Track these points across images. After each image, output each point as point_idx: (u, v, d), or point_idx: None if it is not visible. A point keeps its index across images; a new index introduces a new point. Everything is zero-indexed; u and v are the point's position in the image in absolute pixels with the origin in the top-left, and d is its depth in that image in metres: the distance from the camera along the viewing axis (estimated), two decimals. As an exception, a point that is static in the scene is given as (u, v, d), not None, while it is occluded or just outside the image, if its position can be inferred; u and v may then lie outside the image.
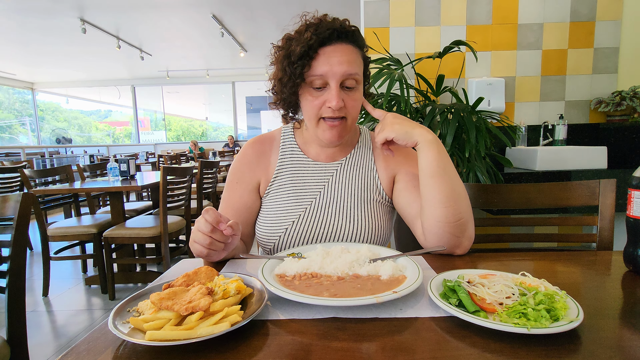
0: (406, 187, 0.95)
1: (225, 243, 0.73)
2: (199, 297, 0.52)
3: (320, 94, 0.85)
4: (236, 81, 10.59)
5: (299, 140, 1.01)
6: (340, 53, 0.83)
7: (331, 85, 0.83)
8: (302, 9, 0.91)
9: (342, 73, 0.82)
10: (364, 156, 1.00)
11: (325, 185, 0.95)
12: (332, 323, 0.53)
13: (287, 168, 0.97)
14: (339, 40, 0.84)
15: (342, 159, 0.98)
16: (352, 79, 0.84)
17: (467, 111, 1.73)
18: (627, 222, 0.72)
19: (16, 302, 1.00)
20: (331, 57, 0.82)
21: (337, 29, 0.83)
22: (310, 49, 0.82)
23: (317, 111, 0.86)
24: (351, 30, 0.86)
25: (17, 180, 3.60)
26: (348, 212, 0.92)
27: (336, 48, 0.83)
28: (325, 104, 0.84)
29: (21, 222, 1.02)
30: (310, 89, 0.85)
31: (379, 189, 0.97)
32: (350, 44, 0.86)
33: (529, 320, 0.48)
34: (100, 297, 2.55)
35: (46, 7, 5.29)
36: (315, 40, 0.81)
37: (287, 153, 0.99)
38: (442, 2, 2.28)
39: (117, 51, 7.14)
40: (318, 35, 0.82)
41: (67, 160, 8.69)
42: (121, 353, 0.47)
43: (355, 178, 0.97)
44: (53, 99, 11.58)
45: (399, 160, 0.98)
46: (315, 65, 0.83)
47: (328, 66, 0.82)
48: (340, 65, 0.82)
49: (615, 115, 2.29)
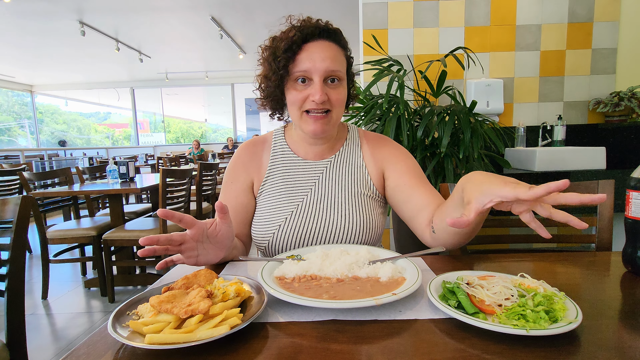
0: (397, 185, 0.96)
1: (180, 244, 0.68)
2: (199, 300, 0.52)
3: (304, 87, 0.87)
4: (235, 83, 10.60)
5: (289, 140, 1.03)
6: (322, 49, 0.86)
7: (314, 80, 0.86)
8: (300, 10, 0.93)
9: (325, 69, 0.85)
10: (352, 153, 1.01)
11: (315, 183, 0.97)
12: (332, 325, 0.54)
13: (278, 167, 0.99)
14: (321, 37, 0.88)
15: (332, 156, 1.00)
16: (334, 75, 0.87)
17: (463, 113, 1.74)
18: (626, 223, 0.72)
19: (15, 305, 1.00)
20: (314, 53, 0.86)
21: (320, 27, 0.88)
22: (294, 44, 0.85)
23: (301, 104, 0.88)
24: (333, 29, 0.90)
25: (16, 183, 3.59)
26: (339, 208, 0.93)
27: (319, 44, 0.87)
28: (309, 98, 0.87)
29: (20, 225, 1.02)
30: (294, 83, 0.88)
31: (369, 184, 0.98)
32: (333, 42, 0.89)
33: (527, 322, 0.48)
34: (99, 300, 2.54)
35: (45, 9, 5.29)
36: (298, 37, 0.85)
37: (278, 153, 1.01)
38: (440, 4, 2.29)
39: (116, 53, 7.14)
40: (302, 32, 0.86)
41: (66, 162, 8.69)
42: (121, 356, 0.47)
43: (345, 174, 0.98)
44: (52, 102, 11.58)
45: (385, 155, 1.00)
46: (298, 60, 0.86)
47: (311, 62, 0.85)
48: (322, 62, 0.85)
49: (613, 115, 2.30)
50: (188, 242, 0.68)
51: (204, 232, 0.70)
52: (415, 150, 1.86)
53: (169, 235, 0.65)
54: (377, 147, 1.01)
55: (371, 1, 2.28)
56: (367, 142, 1.03)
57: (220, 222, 0.71)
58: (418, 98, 2.13)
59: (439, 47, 2.31)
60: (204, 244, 0.71)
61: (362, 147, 1.02)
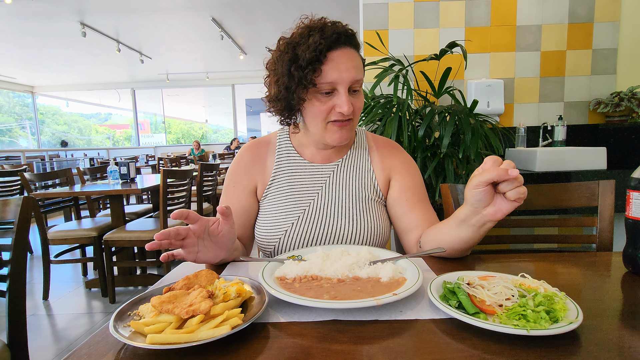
0: (398, 198, 0.96)
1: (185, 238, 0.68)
2: (200, 300, 0.52)
3: (329, 98, 0.85)
4: (236, 84, 10.61)
5: (295, 142, 1.01)
6: (346, 59, 0.83)
7: (340, 91, 0.83)
8: (301, 11, 0.92)
9: (351, 79, 0.83)
10: (360, 157, 1.00)
11: (323, 187, 0.96)
12: (333, 325, 0.54)
13: (284, 170, 0.97)
14: (344, 44, 0.84)
15: (339, 160, 0.99)
16: (358, 83, 0.85)
17: (464, 113, 1.74)
18: (626, 223, 0.72)
19: (16, 305, 1.00)
20: (340, 63, 0.82)
21: (342, 32, 0.84)
22: (320, 53, 0.81)
23: (326, 115, 0.86)
24: (353, 34, 0.87)
25: (17, 184, 3.60)
26: (347, 213, 0.93)
27: (342, 53, 0.83)
28: (334, 109, 0.84)
29: (22, 226, 1.02)
30: (317, 94, 0.85)
31: (376, 189, 0.98)
32: (353, 47, 0.86)
33: (528, 322, 0.48)
34: (100, 301, 2.54)
35: (46, 11, 5.30)
36: (324, 45, 0.81)
37: (284, 155, 0.99)
38: (440, 4, 2.29)
39: (117, 54, 7.16)
40: (326, 39, 0.81)
41: (67, 163, 8.70)
42: (122, 357, 0.48)
43: (353, 178, 0.97)
44: (53, 102, 11.59)
45: (395, 164, 0.99)
46: (325, 70, 0.82)
47: (337, 72, 0.82)
48: (348, 72, 0.82)
49: (614, 116, 2.30)
50: (190, 236, 0.68)
51: (206, 229, 0.70)
52: (415, 150, 1.86)
53: (176, 229, 0.65)
54: (387, 155, 1.00)
55: (372, 2, 2.29)
56: (376, 146, 1.02)
57: (223, 223, 0.71)
58: (418, 98, 2.13)
59: (439, 47, 2.31)
60: (204, 241, 0.71)
61: (371, 151, 1.01)
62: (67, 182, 3.18)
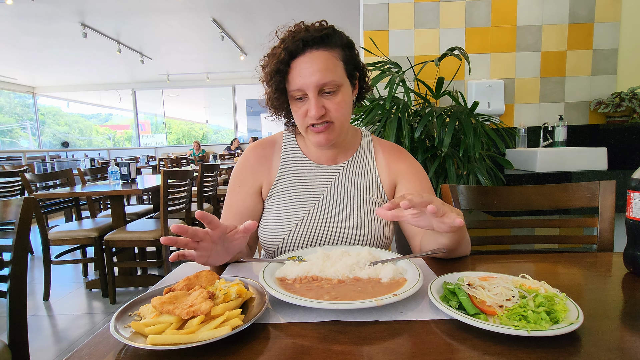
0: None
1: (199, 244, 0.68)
2: (200, 301, 0.52)
3: (302, 104, 0.86)
4: (236, 84, 10.62)
5: (301, 143, 1.01)
6: (310, 63, 0.82)
7: (309, 95, 0.84)
8: (301, 11, 0.92)
9: (316, 83, 0.82)
10: (365, 159, 1.00)
11: (328, 188, 0.96)
12: (333, 326, 0.54)
13: (289, 171, 0.97)
14: (313, 47, 0.83)
15: (345, 161, 0.99)
16: (328, 85, 0.84)
17: (465, 114, 1.74)
18: (627, 224, 0.72)
19: (17, 306, 1.00)
20: (303, 69, 0.83)
21: (304, 38, 0.82)
22: (282, 64, 0.83)
23: (303, 120, 0.87)
24: (319, 36, 0.83)
25: (18, 185, 3.60)
26: (351, 215, 0.93)
27: (306, 58, 0.83)
28: (308, 113, 0.86)
29: (22, 227, 1.02)
30: (294, 100, 0.87)
31: (381, 192, 0.98)
32: (323, 49, 0.84)
33: (529, 323, 0.48)
34: (101, 301, 2.54)
35: (47, 12, 5.31)
36: (285, 55, 0.82)
37: (289, 156, 0.99)
38: (441, 5, 2.29)
39: (118, 55, 7.17)
40: (286, 49, 0.83)
41: (68, 164, 8.71)
42: (123, 357, 0.48)
43: (358, 181, 0.97)
44: (54, 103, 11.61)
45: (401, 169, 0.99)
46: (290, 79, 0.85)
47: (301, 79, 0.83)
48: (312, 76, 0.82)
49: (615, 116, 2.30)
50: (207, 240, 0.67)
51: (223, 236, 0.69)
52: (416, 151, 1.86)
53: (195, 230, 0.64)
54: (394, 159, 1.00)
55: (372, 2, 2.29)
56: (382, 150, 1.02)
57: (240, 233, 0.70)
58: (418, 99, 2.13)
59: (439, 48, 2.32)
60: (217, 246, 0.70)
61: (376, 154, 1.01)
62: (67, 182, 3.18)
